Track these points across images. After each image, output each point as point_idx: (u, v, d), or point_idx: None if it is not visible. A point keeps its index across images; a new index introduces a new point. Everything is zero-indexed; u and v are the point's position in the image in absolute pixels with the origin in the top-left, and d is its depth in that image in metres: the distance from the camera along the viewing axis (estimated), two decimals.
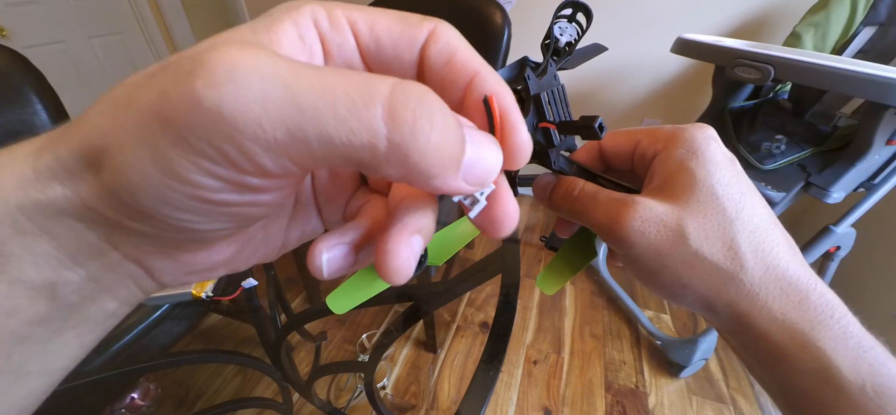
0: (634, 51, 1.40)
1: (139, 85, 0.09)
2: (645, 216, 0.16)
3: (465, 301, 1.28)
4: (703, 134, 0.17)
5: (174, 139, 0.08)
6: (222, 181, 0.09)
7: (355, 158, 0.09)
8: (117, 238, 0.11)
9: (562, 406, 1.00)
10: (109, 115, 0.09)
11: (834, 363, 0.15)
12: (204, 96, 0.08)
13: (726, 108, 0.99)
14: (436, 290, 0.55)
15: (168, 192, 0.09)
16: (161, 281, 0.13)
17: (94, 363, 0.57)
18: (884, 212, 0.94)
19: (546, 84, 0.19)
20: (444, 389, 1.04)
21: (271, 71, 0.08)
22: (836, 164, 0.79)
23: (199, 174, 0.08)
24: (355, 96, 0.08)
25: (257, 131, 0.08)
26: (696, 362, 1.02)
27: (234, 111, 0.08)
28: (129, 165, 0.08)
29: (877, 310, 1.04)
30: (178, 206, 0.09)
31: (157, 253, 0.12)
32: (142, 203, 0.09)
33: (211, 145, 0.08)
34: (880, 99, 0.63)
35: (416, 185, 0.10)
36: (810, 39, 0.96)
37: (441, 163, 0.09)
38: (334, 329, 1.18)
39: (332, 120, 0.08)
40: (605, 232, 0.17)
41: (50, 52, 1.66)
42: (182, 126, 0.08)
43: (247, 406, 0.83)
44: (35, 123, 0.92)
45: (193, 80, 0.08)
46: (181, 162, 0.08)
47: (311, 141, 0.08)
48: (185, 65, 0.08)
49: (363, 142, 0.08)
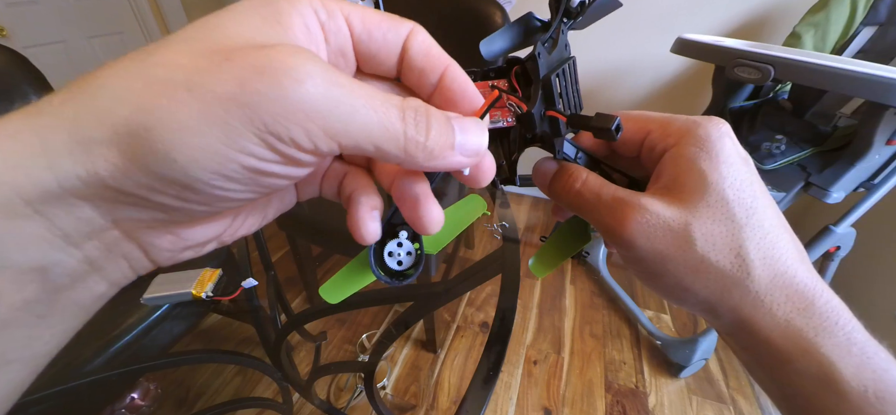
0: (634, 51, 1.40)
1: (200, 70, 0.10)
2: (650, 220, 0.16)
3: (465, 301, 1.28)
4: (718, 131, 0.16)
5: (252, 121, 0.10)
6: (279, 155, 0.11)
7: (381, 145, 0.12)
8: (122, 214, 0.11)
9: (562, 406, 1.00)
10: (155, 95, 0.10)
11: (837, 369, 0.14)
12: (290, 88, 0.10)
13: (726, 108, 0.99)
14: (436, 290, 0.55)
15: (227, 164, 0.10)
16: (156, 259, 0.13)
17: (94, 363, 0.57)
18: (884, 212, 0.94)
19: (557, 59, 0.17)
20: (444, 389, 1.04)
21: (333, 76, 0.11)
22: (836, 164, 0.79)
23: (264, 148, 0.10)
24: (385, 103, 0.12)
25: (320, 119, 0.10)
26: (696, 362, 1.02)
27: (312, 103, 0.10)
28: (194, 141, 0.10)
29: (877, 311, 1.04)
30: (230, 175, 0.11)
31: (160, 228, 0.12)
32: (191, 175, 0.10)
33: (285, 127, 0.10)
34: (880, 99, 0.63)
35: (427, 166, 0.13)
36: (810, 39, 0.96)
37: (440, 148, 0.13)
38: (334, 329, 1.18)
39: (373, 116, 0.11)
40: (608, 233, 0.17)
41: (50, 52, 1.66)
42: (262, 108, 0.10)
43: (247, 406, 0.83)
44: None
45: (280, 76, 0.10)
46: (252, 138, 0.10)
47: (354, 132, 0.11)
48: (258, 61, 0.10)
49: (393, 135, 0.12)
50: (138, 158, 0.10)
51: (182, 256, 0.14)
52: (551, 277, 1.39)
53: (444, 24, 1.02)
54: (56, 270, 0.11)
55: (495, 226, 0.55)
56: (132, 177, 0.10)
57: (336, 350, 1.13)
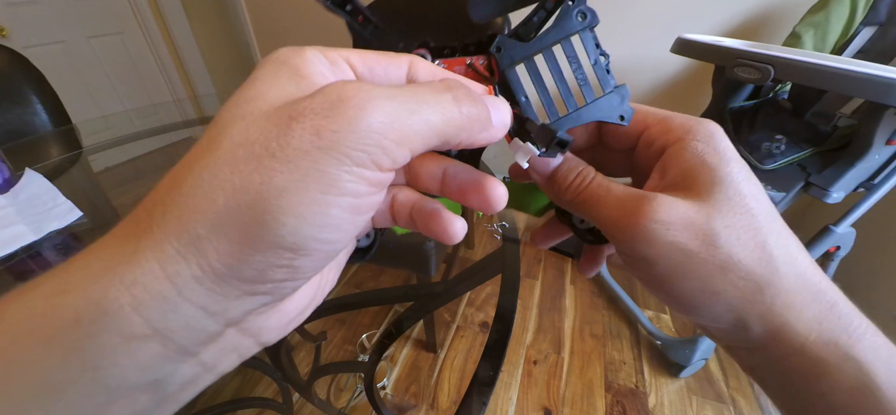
0: (634, 51, 1.40)
1: (275, 136, 0.10)
2: (668, 215, 0.14)
3: (465, 301, 1.28)
4: (719, 130, 0.16)
5: (336, 159, 0.10)
6: (368, 184, 0.11)
7: (444, 132, 0.12)
8: (235, 310, 0.11)
9: (562, 406, 1.00)
10: (246, 173, 0.10)
11: (872, 374, 0.14)
12: (358, 117, 0.11)
13: (726, 108, 0.99)
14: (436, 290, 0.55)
15: (330, 211, 0.11)
16: (266, 340, 0.14)
17: None
18: (884, 212, 0.94)
19: (537, 46, 0.15)
20: (444, 389, 1.04)
21: (384, 91, 0.11)
22: (836, 164, 0.79)
23: (355, 182, 0.11)
24: (437, 97, 0.12)
25: (392, 133, 0.11)
26: (696, 362, 1.02)
27: (378, 122, 0.11)
28: (296, 199, 0.10)
29: (877, 310, 1.04)
30: (333, 223, 0.11)
31: (269, 310, 0.13)
32: (301, 234, 0.11)
33: (364, 152, 0.11)
34: (880, 99, 0.63)
35: (475, 140, 0.14)
36: (810, 39, 0.96)
37: (481, 122, 0.13)
38: (334, 329, 1.18)
39: (431, 110, 0.12)
40: (619, 230, 0.15)
41: (50, 52, 1.67)
42: (343, 144, 0.10)
43: (247, 406, 0.83)
44: (35, 123, 0.92)
45: (346, 110, 0.11)
46: (343, 176, 0.11)
47: (421, 131, 0.12)
48: (322, 108, 0.11)
49: (452, 117, 0.12)
50: (247, 237, 0.10)
51: (287, 331, 0.14)
52: (551, 278, 1.39)
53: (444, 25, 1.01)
54: (171, 380, 0.11)
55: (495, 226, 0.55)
56: (246, 259, 0.10)
57: (336, 350, 1.13)
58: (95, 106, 1.85)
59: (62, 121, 0.96)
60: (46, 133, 0.92)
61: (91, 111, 1.80)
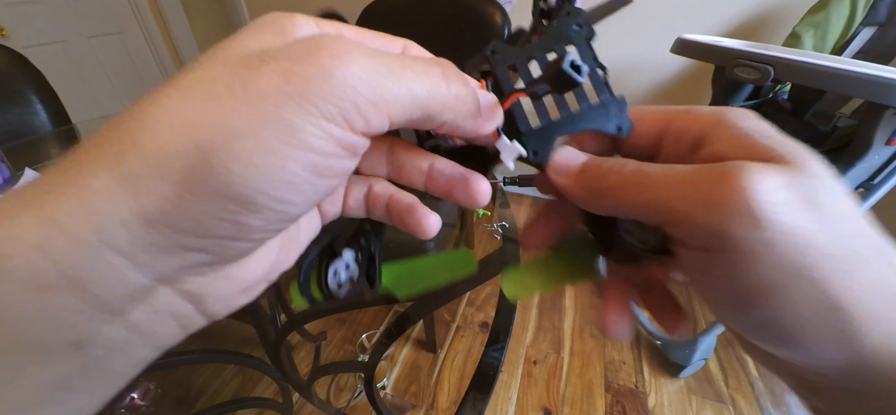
0: (634, 51, 1.40)
1: (240, 76, 0.10)
2: (775, 183, 0.10)
3: (465, 301, 1.28)
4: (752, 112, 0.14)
5: (302, 107, 0.09)
6: (336, 144, 0.10)
7: (428, 106, 0.12)
8: (169, 263, 0.10)
9: (562, 406, 1.00)
10: (199, 111, 0.09)
11: None
12: (332, 66, 0.10)
13: None
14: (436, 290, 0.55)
15: (286, 165, 0.10)
16: (210, 311, 0.12)
17: None
18: (884, 212, 0.94)
19: (546, 46, 0.16)
20: (444, 389, 1.04)
21: (368, 49, 0.11)
22: (836, 164, 0.79)
23: (320, 138, 0.10)
24: (425, 67, 0.12)
25: (369, 91, 0.10)
26: (696, 362, 1.02)
27: (355, 77, 0.10)
28: (249, 145, 0.09)
29: None
30: (289, 179, 0.10)
31: (211, 273, 0.11)
32: (250, 185, 0.09)
33: (335, 105, 0.10)
34: (880, 99, 0.63)
35: (461, 127, 0.13)
36: (810, 40, 0.96)
37: (468, 105, 0.13)
38: (334, 329, 1.18)
39: (417, 79, 0.11)
40: (702, 207, 0.11)
41: (50, 52, 1.66)
42: (312, 93, 0.09)
43: (247, 406, 0.83)
44: (35, 123, 0.92)
45: (320, 57, 0.10)
46: (307, 127, 0.10)
47: (402, 97, 0.11)
48: (294, 53, 0.10)
49: (437, 91, 0.12)
50: (190, 182, 0.09)
51: (236, 303, 0.13)
52: None
53: (443, 25, 1.02)
54: (94, 343, 0.10)
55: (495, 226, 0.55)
56: (184, 206, 0.09)
57: (336, 350, 1.13)
58: (95, 106, 1.85)
59: (62, 121, 0.96)
60: (46, 133, 0.92)
61: (91, 111, 1.80)
